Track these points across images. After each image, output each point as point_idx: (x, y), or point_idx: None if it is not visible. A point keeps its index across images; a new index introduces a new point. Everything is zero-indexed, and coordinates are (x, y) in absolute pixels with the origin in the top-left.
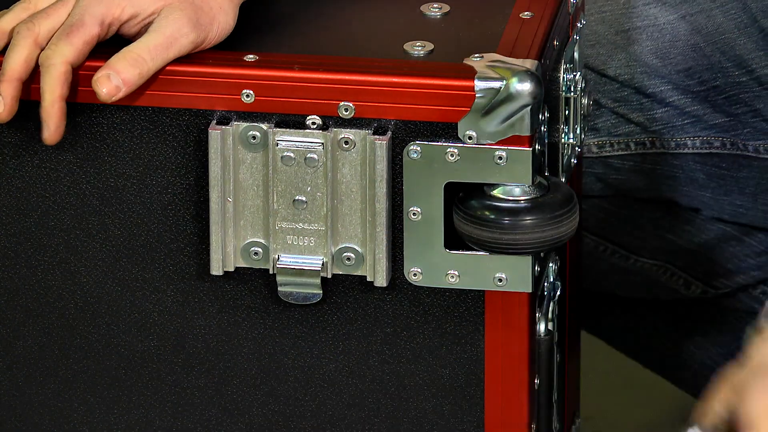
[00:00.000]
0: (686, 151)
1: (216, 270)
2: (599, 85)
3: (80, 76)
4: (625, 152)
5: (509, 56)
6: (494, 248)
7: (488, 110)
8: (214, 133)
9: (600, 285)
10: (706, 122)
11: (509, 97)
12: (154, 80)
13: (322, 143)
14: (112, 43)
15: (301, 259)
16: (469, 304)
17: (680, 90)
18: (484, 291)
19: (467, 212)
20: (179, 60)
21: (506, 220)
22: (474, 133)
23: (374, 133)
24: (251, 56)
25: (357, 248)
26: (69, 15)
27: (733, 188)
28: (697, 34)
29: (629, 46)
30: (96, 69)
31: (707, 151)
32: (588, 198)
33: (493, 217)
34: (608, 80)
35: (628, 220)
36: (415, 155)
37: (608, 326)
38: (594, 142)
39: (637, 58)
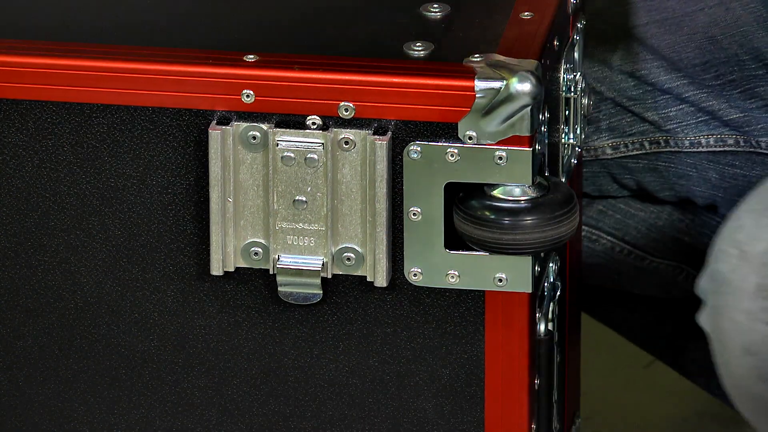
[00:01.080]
0: (700, 149)
1: (216, 270)
2: (614, 84)
3: (81, 76)
4: (640, 152)
5: (509, 56)
6: (494, 248)
7: (488, 110)
8: (214, 133)
9: (615, 284)
10: (721, 119)
11: (509, 98)
12: (154, 80)
13: (322, 143)
14: (114, 43)
15: (301, 259)
16: (469, 304)
17: (696, 84)
18: (484, 291)
19: (467, 212)
20: (179, 60)
21: (506, 220)
22: (474, 133)
23: (374, 133)
24: (251, 56)
25: (357, 248)
26: None
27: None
28: (715, 27)
29: (646, 40)
30: (99, 69)
31: (721, 149)
32: (603, 198)
33: (493, 217)
34: (623, 77)
35: (644, 221)
36: (415, 155)
37: (621, 318)
38: (608, 144)
39: (654, 51)
